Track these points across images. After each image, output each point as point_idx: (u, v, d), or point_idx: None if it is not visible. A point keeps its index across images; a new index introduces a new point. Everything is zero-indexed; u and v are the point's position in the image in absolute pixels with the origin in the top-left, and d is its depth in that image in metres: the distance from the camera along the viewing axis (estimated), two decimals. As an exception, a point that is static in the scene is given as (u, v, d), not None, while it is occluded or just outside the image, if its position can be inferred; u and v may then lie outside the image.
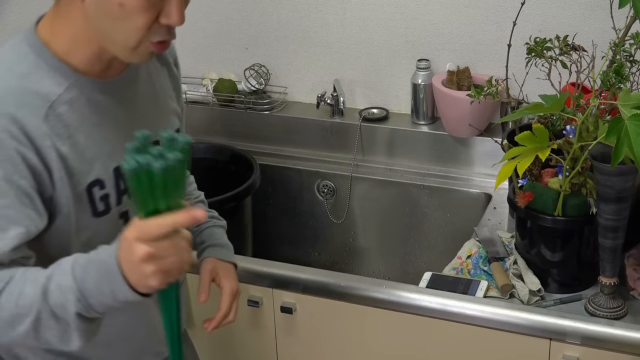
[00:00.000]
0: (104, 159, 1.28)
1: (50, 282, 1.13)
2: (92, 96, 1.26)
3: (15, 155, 1.17)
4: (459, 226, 2.24)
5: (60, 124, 1.22)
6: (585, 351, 1.66)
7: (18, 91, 1.19)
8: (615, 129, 1.42)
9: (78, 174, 1.24)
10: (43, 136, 1.19)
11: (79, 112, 1.24)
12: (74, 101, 1.24)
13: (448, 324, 1.75)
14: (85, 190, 1.26)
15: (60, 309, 1.13)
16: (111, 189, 1.29)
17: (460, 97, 2.16)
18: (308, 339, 1.92)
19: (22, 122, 1.17)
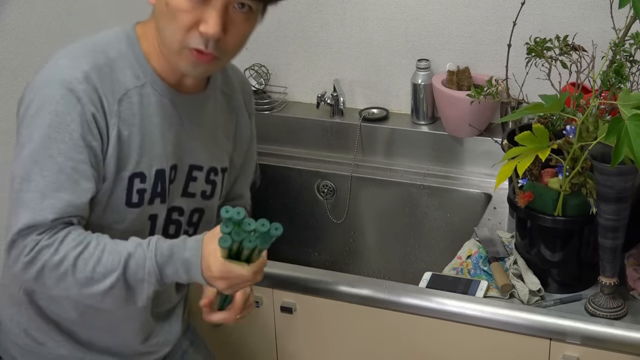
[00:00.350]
0: (151, 158, 1.38)
1: (130, 259, 1.29)
2: (162, 100, 1.38)
3: (92, 119, 1.30)
4: (459, 226, 2.24)
5: (129, 111, 1.34)
6: (585, 351, 1.66)
7: (105, 70, 1.32)
8: (615, 129, 1.42)
9: (127, 160, 1.35)
10: (113, 113, 1.32)
11: (146, 107, 1.36)
12: (145, 97, 1.36)
13: (448, 324, 1.75)
14: (127, 177, 1.36)
15: (137, 283, 1.30)
16: (149, 187, 1.39)
17: (460, 97, 2.16)
18: (308, 339, 1.92)
19: (101, 95, 1.31)
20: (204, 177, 1.49)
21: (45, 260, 1.27)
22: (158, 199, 1.42)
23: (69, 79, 1.29)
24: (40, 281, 1.30)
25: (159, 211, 1.43)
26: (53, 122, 1.28)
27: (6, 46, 1.96)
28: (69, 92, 1.28)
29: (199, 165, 1.47)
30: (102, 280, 1.28)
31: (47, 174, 1.28)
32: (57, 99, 1.28)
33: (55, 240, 1.28)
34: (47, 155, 1.28)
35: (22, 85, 2.01)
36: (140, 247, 1.30)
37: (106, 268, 1.28)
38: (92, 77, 1.30)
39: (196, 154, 1.46)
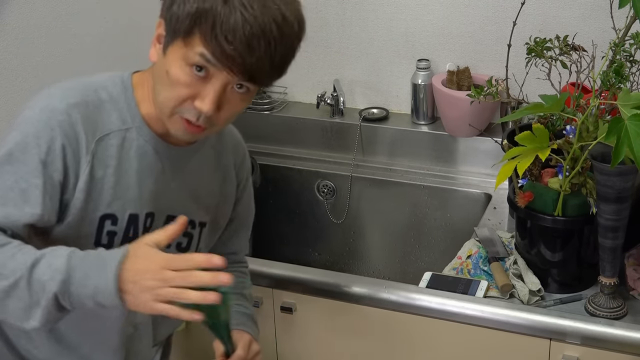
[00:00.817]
0: (125, 201, 1.35)
1: (42, 258, 1.20)
2: (145, 146, 1.36)
3: (60, 150, 1.28)
4: (459, 226, 2.24)
5: (106, 153, 1.33)
6: (585, 351, 1.66)
7: (91, 108, 1.32)
8: (615, 129, 1.42)
9: (98, 201, 1.33)
10: (88, 152, 1.30)
11: (126, 152, 1.35)
12: (128, 140, 1.35)
13: (448, 324, 1.75)
14: (98, 218, 1.34)
15: (39, 285, 1.19)
16: (120, 230, 1.36)
17: (460, 97, 2.16)
18: (308, 339, 1.92)
19: (78, 132, 1.30)
20: None
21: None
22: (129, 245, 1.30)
23: (51, 107, 1.30)
24: None
25: None
26: (21, 141, 1.28)
27: (6, 46, 1.96)
28: (47, 119, 1.28)
29: (175, 216, 1.41)
30: (8, 277, 1.19)
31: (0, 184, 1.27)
32: (33, 122, 1.29)
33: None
34: (4, 170, 1.27)
35: (22, 85, 2.02)
36: (57, 249, 1.23)
37: (17, 264, 1.20)
38: (75, 112, 1.30)
39: (174, 204, 1.43)
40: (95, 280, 1.18)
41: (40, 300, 1.19)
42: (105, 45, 2.16)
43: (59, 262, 1.20)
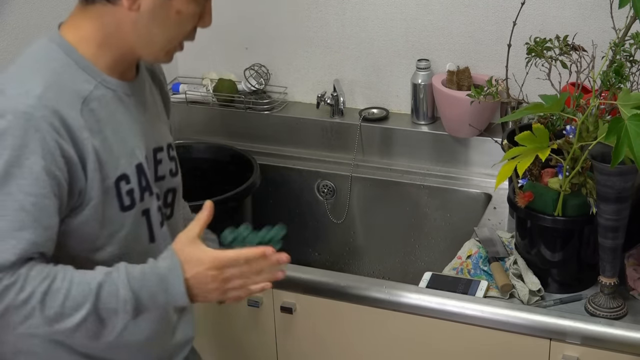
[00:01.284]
0: (127, 155, 1.35)
1: (102, 290, 1.24)
2: (117, 95, 1.35)
3: (55, 147, 1.23)
4: (459, 226, 2.24)
5: (93, 119, 1.29)
6: (585, 351, 1.66)
7: (56, 87, 1.26)
8: (615, 129, 1.42)
9: (107, 168, 1.31)
10: (81, 129, 1.26)
11: (107, 108, 1.33)
12: (102, 98, 1.32)
13: (448, 324, 1.75)
14: (113, 184, 1.32)
15: (110, 315, 1.25)
16: (135, 185, 1.36)
17: (460, 97, 2.16)
18: (308, 339, 1.92)
19: (62, 115, 1.24)
20: (166, 155, 1.47)
21: (10, 299, 1.20)
22: (147, 193, 1.39)
23: (23, 108, 1.21)
24: (3, 322, 1.22)
25: (150, 204, 1.40)
26: (11, 157, 1.20)
27: (6, 46, 1.96)
28: (25, 122, 1.21)
29: (159, 146, 1.44)
30: (72, 315, 1.22)
31: (7, 212, 1.20)
32: (13, 132, 1.20)
33: (19, 277, 1.20)
34: (5, 193, 1.20)
35: (22, 85, 2.02)
36: (110, 275, 1.26)
37: (76, 301, 1.22)
38: (48, 99, 1.23)
39: (154, 136, 1.43)
40: (164, 298, 1.27)
41: (116, 326, 1.27)
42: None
43: (123, 292, 1.24)
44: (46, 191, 1.22)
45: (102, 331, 1.27)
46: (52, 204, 1.24)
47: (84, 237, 1.32)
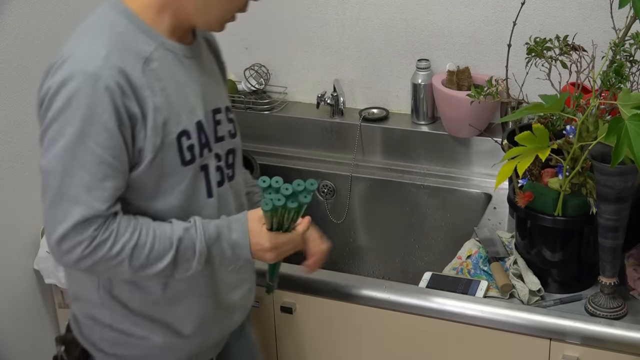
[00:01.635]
0: (188, 112, 1.44)
1: (181, 244, 1.41)
2: (176, 57, 1.44)
3: (122, 105, 1.33)
4: (459, 226, 2.24)
5: (154, 78, 1.39)
6: (585, 351, 1.66)
7: (119, 48, 1.36)
8: (615, 129, 1.42)
9: (169, 124, 1.41)
10: (143, 87, 1.36)
11: (167, 68, 1.42)
12: (162, 59, 1.41)
13: (448, 324, 1.75)
14: (175, 139, 1.42)
15: (185, 263, 1.43)
16: (195, 141, 1.45)
17: (460, 97, 2.16)
18: (308, 339, 1.92)
19: (127, 74, 1.34)
20: (225, 117, 1.55)
21: (103, 253, 1.36)
22: (206, 150, 1.48)
23: (92, 70, 1.31)
24: (94, 269, 1.40)
25: (209, 161, 1.49)
26: (85, 115, 1.31)
27: (6, 46, 1.96)
28: (95, 82, 1.31)
29: (218, 107, 1.53)
30: (155, 264, 1.40)
31: (90, 166, 1.33)
32: (85, 92, 1.31)
33: (111, 233, 1.36)
34: (85, 149, 1.32)
35: (23, 84, 2.02)
36: (188, 231, 1.42)
37: (159, 253, 1.40)
38: (113, 59, 1.33)
39: (213, 98, 1.52)
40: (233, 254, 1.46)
41: (187, 268, 1.44)
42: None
43: (199, 246, 1.42)
44: (119, 142, 1.34)
45: (175, 273, 1.44)
46: (124, 153, 1.36)
47: (143, 189, 1.42)
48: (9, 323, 2.08)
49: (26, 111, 2.03)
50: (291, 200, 1.38)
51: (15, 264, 2.08)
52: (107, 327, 1.54)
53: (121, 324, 1.53)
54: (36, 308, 2.17)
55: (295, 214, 1.43)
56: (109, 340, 1.55)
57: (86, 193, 1.33)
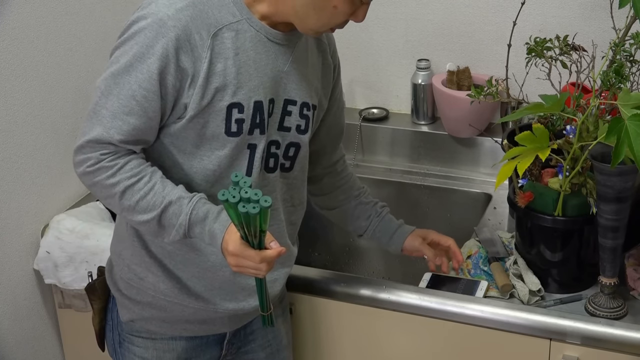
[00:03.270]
0: (249, 89, 1.48)
1: (169, 207, 1.45)
2: (257, 35, 1.48)
3: (174, 55, 1.40)
4: (459, 226, 2.24)
5: (223, 45, 1.44)
6: (585, 351, 1.66)
7: (199, 8, 1.43)
8: (615, 129, 1.42)
9: (224, 92, 1.46)
10: (204, 47, 1.42)
11: (242, 42, 1.46)
12: (241, 32, 1.46)
13: (448, 324, 1.75)
14: (225, 107, 1.47)
15: (168, 227, 1.46)
16: (247, 117, 1.49)
17: (460, 97, 2.16)
18: (308, 339, 1.92)
19: (191, 31, 1.41)
20: (298, 111, 1.57)
21: (101, 178, 1.44)
22: (257, 130, 1.51)
23: (161, 16, 1.40)
24: (93, 190, 1.50)
25: (258, 142, 1.52)
26: (137, 52, 1.40)
27: (6, 46, 1.96)
28: (159, 27, 1.40)
29: (293, 99, 1.56)
30: (140, 214, 1.46)
31: (123, 96, 1.41)
32: (146, 32, 1.40)
33: (115, 165, 1.44)
34: (127, 81, 1.41)
35: (23, 84, 2.02)
36: (181, 200, 1.45)
37: (147, 205, 1.45)
38: (184, 15, 1.41)
39: (290, 88, 1.55)
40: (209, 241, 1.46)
41: (170, 233, 1.47)
42: (105, 45, 2.16)
43: (182, 218, 1.45)
44: (156, 89, 1.41)
45: (162, 234, 1.48)
46: (158, 101, 1.42)
47: (184, 142, 1.48)
48: (9, 323, 2.08)
49: (26, 111, 2.03)
50: (242, 205, 1.32)
51: (15, 264, 2.08)
52: (126, 267, 1.62)
53: (137, 266, 1.60)
54: (36, 308, 2.17)
55: (254, 227, 1.36)
56: (126, 281, 1.63)
57: (111, 118, 1.42)
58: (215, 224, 1.44)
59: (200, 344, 1.67)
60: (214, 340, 1.68)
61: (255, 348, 1.74)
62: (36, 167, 2.10)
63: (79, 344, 2.22)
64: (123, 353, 1.69)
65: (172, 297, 1.60)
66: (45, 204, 2.14)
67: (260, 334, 1.74)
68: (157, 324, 1.64)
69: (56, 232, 2.08)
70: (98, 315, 1.74)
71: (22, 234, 2.09)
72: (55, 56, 2.09)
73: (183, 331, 1.65)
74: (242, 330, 1.71)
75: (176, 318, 1.62)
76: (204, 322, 1.64)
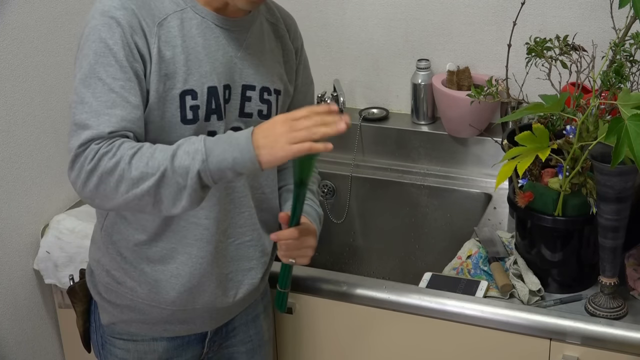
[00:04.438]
0: (200, 75, 1.48)
1: (179, 149, 1.36)
2: (204, 22, 1.49)
3: (132, 41, 1.42)
4: (459, 226, 2.24)
5: (169, 33, 1.45)
6: (585, 351, 1.66)
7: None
8: (615, 129, 1.42)
9: (174, 79, 1.46)
10: (152, 34, 1.44)
11: (189, 29, 1.47)
12: (186, 20, 1.48)
13: (448, 324, 1.75)
14: (178, 95, 1.46)
15: (183, 170, 1.34)
16: (202, 103, 1.48)
17: (460, 97, 2.16)
18: (308, 339, 1.92)
19: (139, 18, 1.43)
20: (257, 96, 1.57)
21: (104, 165, 1.36)
22: (214, 116, 1.50)
23: (107, 9, 1.42)
24: (101, 189, 1.38)
25: (217, 128, 1.51)
26: (98, 48, 1.40)
27: (6, 46, 1.96)
28: (109, 19, 1.41)
29: (251, 84, 1.55)
30: (154, 173, 1.35)
31: (99, 95, 1.39)
32: (99, 29, 1.41)
33: (113, 146, 1.37)
34: (96, 79, 1.40)
35: (23, 84, 2.02)
36: (189, 139, 1.38)
37: (158, 161, 1.35)
38: (129, 4, 1.42)
39: (247, 73, 1.55)
40: (232, 154, 1.34)
41: (187, 182, 1.35)
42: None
43: (197, 146, 1.35)
44: (130, 75, 1.41)
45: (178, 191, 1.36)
46: (136, 86, 1.42)
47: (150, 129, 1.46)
48: (9, 323, 2.08)
49: (26, 111, 2.03)
50: None
51: (15, 264, 2.08)
52: (105, 272, 1.61)
53: (115, 271, 1.59)
54: (36, 308, 2.17)
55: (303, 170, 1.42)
56: (105, 285, 1.63)
57: (95, 118, 1.39)
58: (235, 134, 1.37)
59: (181, 344, 1.66)
60: (195, 339, 1.68)
61: (236, 343, 1.74)
62: (36, 167, 2.10)
63: (79, 344, 2.21)
64: (106, 355, 1.70)
65: (149, 301, 1.59)
66: (45, 204, 2.14)
67: (241, 330, 1.74)
68: (137, 325, 1.64)
69: (56, 232, 2.08)
70: (81, 318, 1.74)
71: (22, 234, 2.09)
72: (55, 56, 2.09)
73: (163, 332, 1.64)
74: (224, 327, 1.71)
75: (155, 319, 1.62)
76: (184, 322, 1.63)
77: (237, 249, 1.61)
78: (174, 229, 1.54)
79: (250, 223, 1.61)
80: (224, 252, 1.59)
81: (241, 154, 1.34)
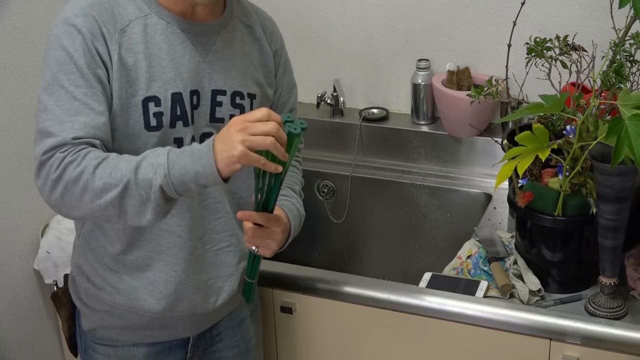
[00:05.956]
0: (164, 81, 1.46)
1: (143, 161, 1.35)
2: (169, 27, 1.48)
3: (93, 47, 1.41)
4: (459, 226, 2.24)
5: (131, 40, 1.44)
6: (585, 351, 1.66)
7: (104, 5, 1.44)
8: (615, 129, 1.42)
9: (136, 86, 1.44)
10: (113, 41, 1.43)
11: (152, 35, 1.46)
12: (150, 26, 1.46)
13: (448, 324, 1.75)
14: (141, 102, 1.45)
15: (146, 183, 1.33)
16: (166, 110, 1.47)
17: (460, 97, 2.16)
18: (308, 339, 1.92)
19: (100, 24, 1.42)
20: (229, 101, 1.55)
21: (69, 175, 1.35)
22: (180, 122, 1.49)
23: (68, 16, 1.41)
24: (66, 198, 1.37)
25: (184, 135, 1.50)
26: (60, 56, 1.40)
27: (6, 46, 1.96)
28: (70, 27, 1.40)
29: (221, 89, 1.54)
30: (117, 184, 1.34)
31: (62, 102, 1.39)
32: (60, 36, 1.41)
33: (78, 155, 1.36)
34: (59, 87, 1.39)
35: (23, 84, 2.02)
36: (154, 151, 1.37)
37: (122, 172, 1.34)
38: (90, 11, 1.42)
39: (217, 78, 1.53)
40: (194, 164, 1.32)
41: (150, 195, 1.34)
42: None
43: (160, 159, 1.34)
44: (92, 82, 1.40)
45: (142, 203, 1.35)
46: (99, 92, 1.41)
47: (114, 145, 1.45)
48: (9, 323, 2.08)
49: (26, 111, 2.03)
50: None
51: (15, 264, 2.08)
52: (85, 278, 1.61)
53: (95, 277, 1.59)
54: (36, 308, 2.17)
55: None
56: (85, 291, 1.63)
57: (58, 125, 1.38)
58: (196, 146, 1.35)
59: (162, 349, 1.65)
60: (177, 344, 1.66)
61: (222, 348, 1.73)
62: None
63: (79, 344, 2.22)
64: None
65: (128, 307, 1.58)
66: (45, 204, 2.13)
67: (227, 334, 1.73)
68: (117, 331, 1.63)
69: (56, 232, 2.08)
70: (66, 323, 1.74)
71: (22, 234, 2.09)
72: (55, 56, 2.09)
73: (144, 338, 1.63)
74: (208, 332, 1.70)
75: (135, 325, 1.61)
76: (164, 328, 1.62)
77: (215, 255, 1.60)
78: (148, 237, 1.54)
79: (228, 229, 1.60)
80: (201, 259, 1.58)
81: (203, 168, 1.32)
